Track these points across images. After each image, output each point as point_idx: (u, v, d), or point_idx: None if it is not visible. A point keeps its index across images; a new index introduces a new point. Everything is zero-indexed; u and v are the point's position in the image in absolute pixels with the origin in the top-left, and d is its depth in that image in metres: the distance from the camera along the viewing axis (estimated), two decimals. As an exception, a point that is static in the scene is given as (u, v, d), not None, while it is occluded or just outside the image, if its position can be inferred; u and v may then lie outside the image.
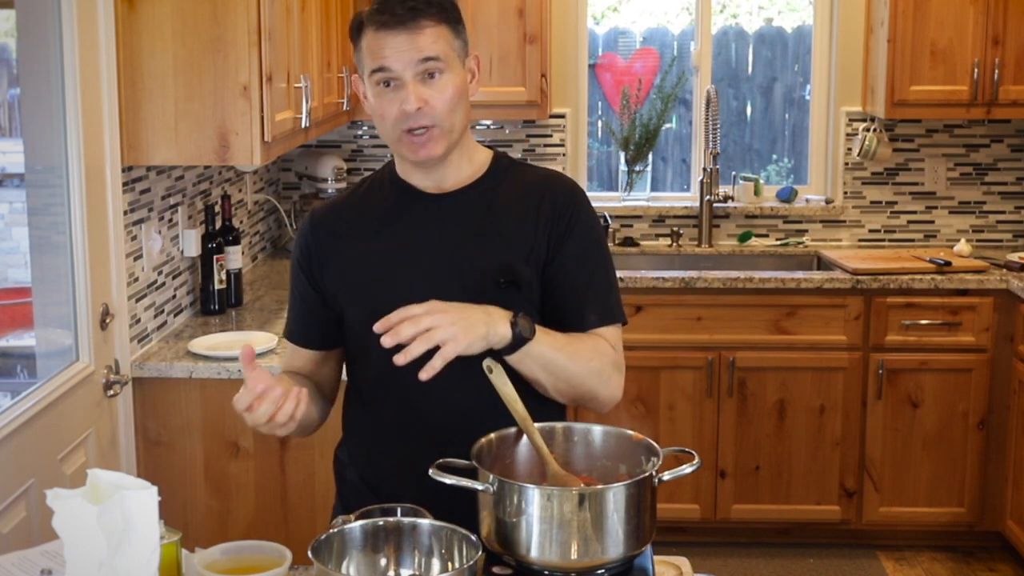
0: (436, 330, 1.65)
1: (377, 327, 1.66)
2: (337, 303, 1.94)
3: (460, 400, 1.85)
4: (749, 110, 5.13)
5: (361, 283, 1.91)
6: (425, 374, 1.65)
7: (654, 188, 4.91)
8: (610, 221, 4.66)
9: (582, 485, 1.69)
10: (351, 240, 1.94)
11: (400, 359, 1.65)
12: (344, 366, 2.05)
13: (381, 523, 1.59)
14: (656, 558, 1.74)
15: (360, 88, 1.91)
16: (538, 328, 1.78)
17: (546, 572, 1.60)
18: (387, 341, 1.65)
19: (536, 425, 1.74)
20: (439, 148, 1.85)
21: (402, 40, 1.80)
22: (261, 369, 1.73)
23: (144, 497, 1.40)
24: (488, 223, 1.89)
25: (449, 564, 1.55)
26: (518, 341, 1.73)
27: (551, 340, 1.80)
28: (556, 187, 1.94)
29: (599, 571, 1.61)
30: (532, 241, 1.88)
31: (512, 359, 1.76)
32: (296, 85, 3.26)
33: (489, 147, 2.00)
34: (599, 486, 1.65)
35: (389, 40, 1.80)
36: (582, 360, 1.84)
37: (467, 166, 1.93)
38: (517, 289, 1.86)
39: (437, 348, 1.65)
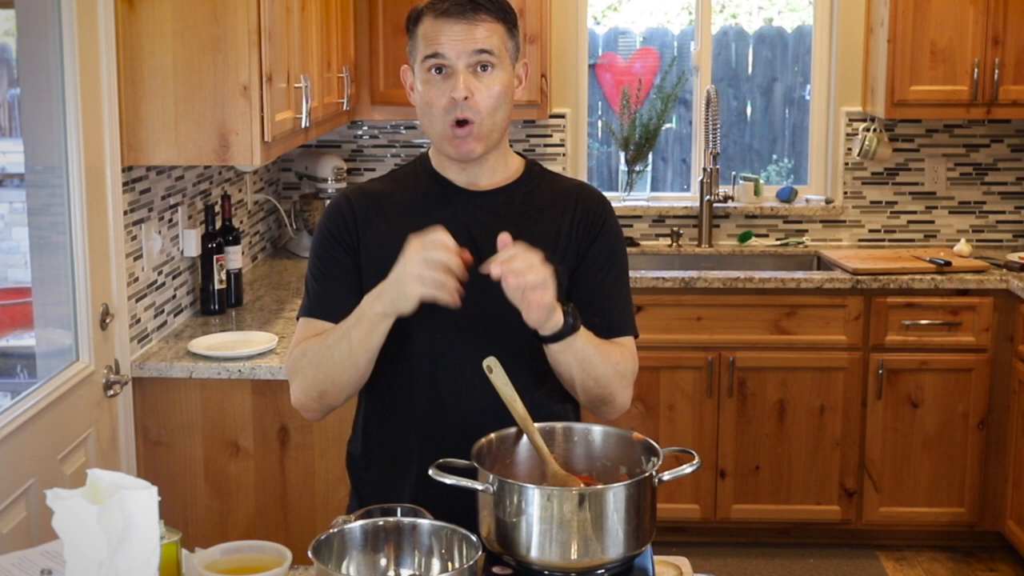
0: (534, 287, 1.67)
1: (494, 268, 1.67)
2: (365, 285, 1.91)
3: (485, 398, 1.83)
4: (749, 110, 5.13)
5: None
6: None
7: (654, 188, 4.91)
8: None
9: (582, 485, 1.69)
10: (384, 224, 1.93)
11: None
12: None
13: (381, 523, 1.59)
14: (656, 558, 1.74)
15: (408, 79, 1.92)
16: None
17: (546, 572, 1.60)
18: (496, 271, 1.67)
19: (536, 425, 1.74)
20: (478, 147, 1.87)
21: (459, 29, 1.83)
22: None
23: (144, 497, 1.40)
24: (522, 224, 1.90)
25: (449, 564, 1.55)
26: (568, 329, 1.76)
27: (588, 336, 1.83)
28: (588, 195, 1.99)
29: (599, 571, 1.61)
30: (565, 244, 1.92)
31: (556, 347, 1.78)
32: (296, 85, 3.26)
33: (521, 155, 2.03)
34: (599, 486, 1.65)
35: (446, 28, 1.83)
36: (611, 361, 1.87)
37: (502, 169, 1.96)
38: None
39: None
